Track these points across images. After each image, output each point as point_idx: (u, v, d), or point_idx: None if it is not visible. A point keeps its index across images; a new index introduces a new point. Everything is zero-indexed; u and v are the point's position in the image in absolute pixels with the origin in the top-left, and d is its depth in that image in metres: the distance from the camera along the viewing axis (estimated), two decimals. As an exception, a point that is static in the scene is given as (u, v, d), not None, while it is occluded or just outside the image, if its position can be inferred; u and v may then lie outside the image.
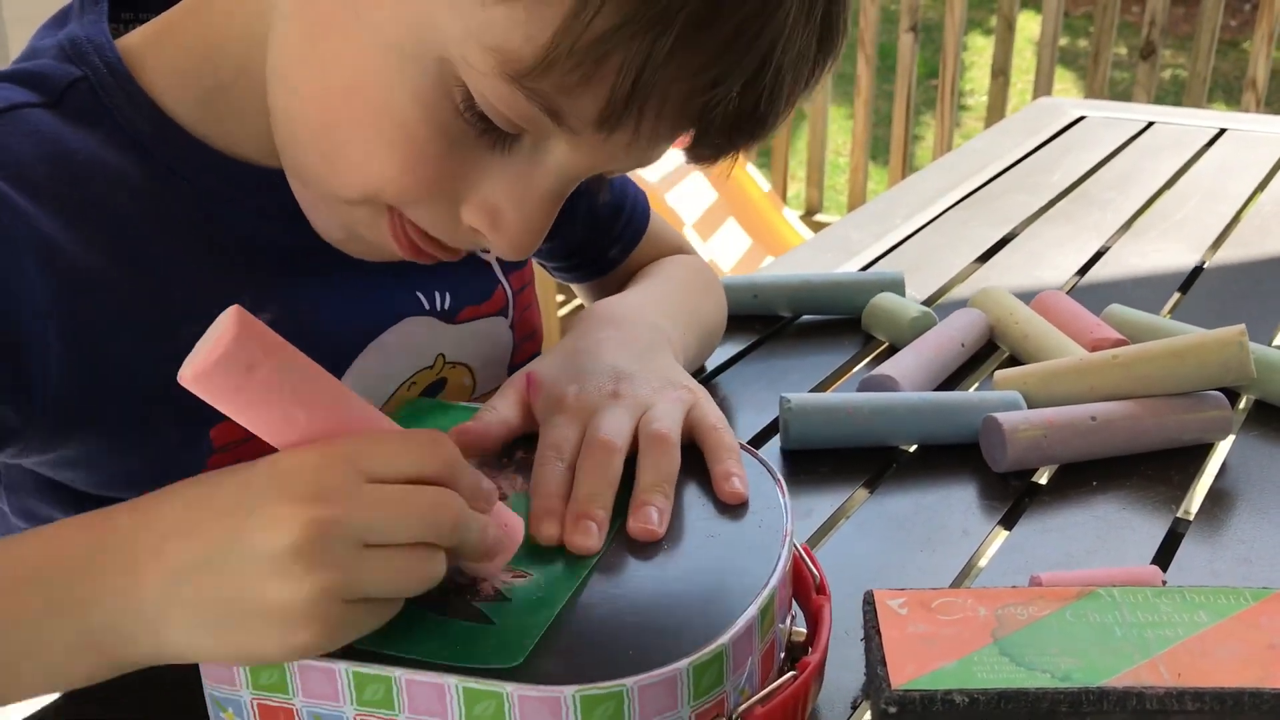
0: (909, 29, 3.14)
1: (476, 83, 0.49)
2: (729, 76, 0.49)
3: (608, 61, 0.47)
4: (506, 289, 0.76)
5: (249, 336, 0.43)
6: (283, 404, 0.45)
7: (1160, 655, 0.54)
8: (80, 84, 0.59)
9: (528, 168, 0.54)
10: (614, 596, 0.50)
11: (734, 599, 0.50)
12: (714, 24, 0.47)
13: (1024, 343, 0.91)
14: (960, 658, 0.54)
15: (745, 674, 0.49)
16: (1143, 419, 0.78)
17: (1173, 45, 4.49)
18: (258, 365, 0.44)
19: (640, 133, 0.50)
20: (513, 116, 0.50)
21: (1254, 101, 2.95)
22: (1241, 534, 0.71)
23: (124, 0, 0.64)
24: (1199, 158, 1.45)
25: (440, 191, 0.54)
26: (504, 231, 0.55)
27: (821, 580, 0.58)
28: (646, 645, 0.47)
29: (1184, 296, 1.07)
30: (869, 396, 0.81)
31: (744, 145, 0.54)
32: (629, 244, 0.87)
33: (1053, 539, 0.71)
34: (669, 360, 0.68)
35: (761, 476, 0.59)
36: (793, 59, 0.51)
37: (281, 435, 0.46)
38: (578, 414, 0.60)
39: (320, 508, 0.44)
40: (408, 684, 0.46)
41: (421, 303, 0.71)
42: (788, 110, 0.53)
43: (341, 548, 0.44)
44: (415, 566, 0.46)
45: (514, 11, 0.47)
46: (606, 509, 0.54)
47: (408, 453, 0.47)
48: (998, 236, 1.21)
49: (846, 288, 1.01)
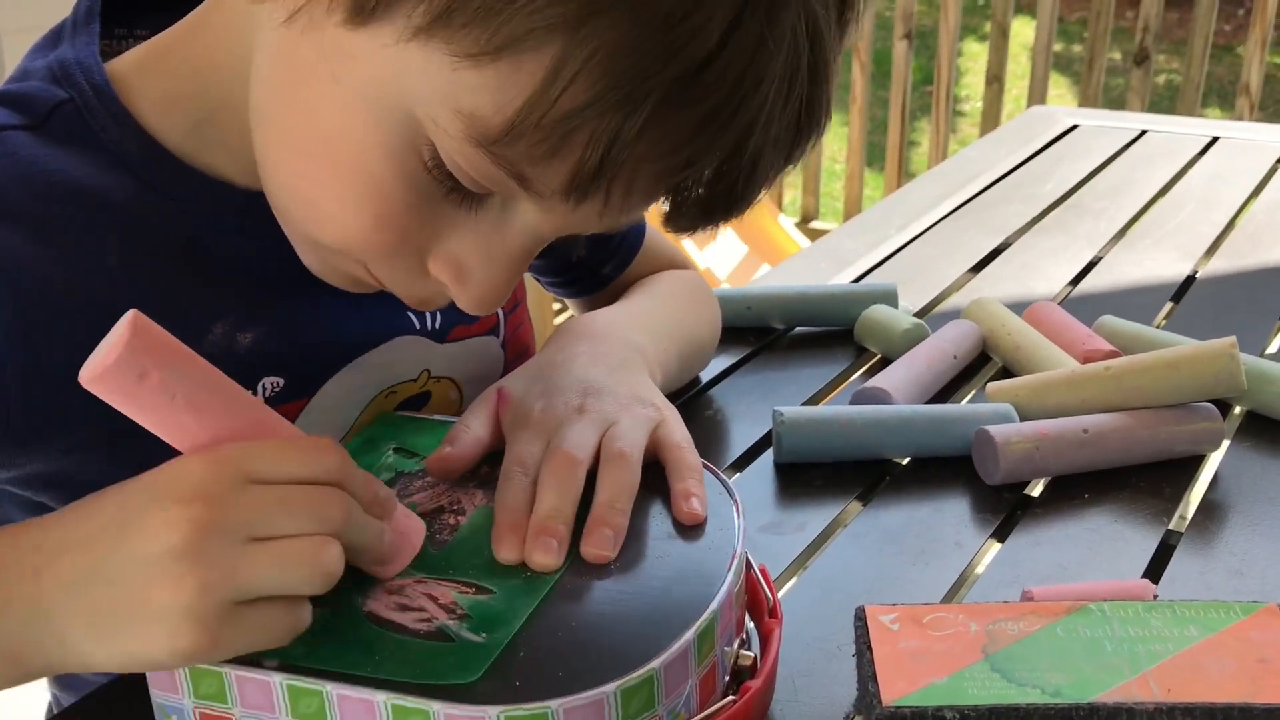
0: (904, 36, 3.15)
1: (444, 143, 0.49)
2: (701, 158, 0.49)
3: (576, 136, 0.46)
4: (497, 310, 0.76)
5: (141, 345, 0.45)
6: (174, 411, 0.46)
7: (1150, 670, 0.54)
8: (66, 106, 0.59)
9: (496, 226, 0.53)
10: (560, 615, 0.50)
11: (672, 622, 0.49)
12: (686, 107, 0.46)
13: (1016, 354, 0.91)
14: (951, 673, 0.54)
15: (682, 697, 0.49)
16: (1135, 431, 0.79)
17: (1167, 50, 4.50)
18: (148, 373, 0.45)
19: (610, 205, 0.50)
20: (479, 178, 0.50)
21: (1247, 107, 2.95)
22: (1233, 546, 0.72)
23: (118, 16, 0.65)
24: (1192, 166, 1.45)
25: (407, 247, 0.54)
26: (469, 287, 0.55)
27: (775, 604, 0.58)
28: (578, 667, 0.47)
29: (1177, 306, 1.07)
30: (862, 409, 0.81)
31: (719, 222, 0.53)
32: (623, 261, 0.87)
33: (1045, 551, 0.71)
34: (641, 377, 0.67)
35: (720, 497, 0.58)
36: (771, 142, 0.50)
37: (177, 440, 0.47)
38: (543, 429, 0.60)
39: (200, 508, 0.45)
40: (339, 699, 0.46)
41: (412, 322, 0.71)
42: (766, 188, 0.53)
43: (223, 545, 0.44)
44: (305, 557, 0.45)
45: (485, 78, 0.46)
46: (568, 524, 0.54)
47: (294, 456, 0.47)
48: (991, 246, 1.22)
49: (839, 299, 1.01)
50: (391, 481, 0.60)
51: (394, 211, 0.52)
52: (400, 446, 0.63)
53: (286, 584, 0.45)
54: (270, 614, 0.46)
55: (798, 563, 0.71)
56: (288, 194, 0.56)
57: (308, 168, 0.53)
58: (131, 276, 0.60)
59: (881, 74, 3.26)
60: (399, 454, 0.62)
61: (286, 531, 0.46)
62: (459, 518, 0.57)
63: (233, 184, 0.62)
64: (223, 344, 0.62)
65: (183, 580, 0.44)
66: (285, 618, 0.46)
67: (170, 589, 0.44)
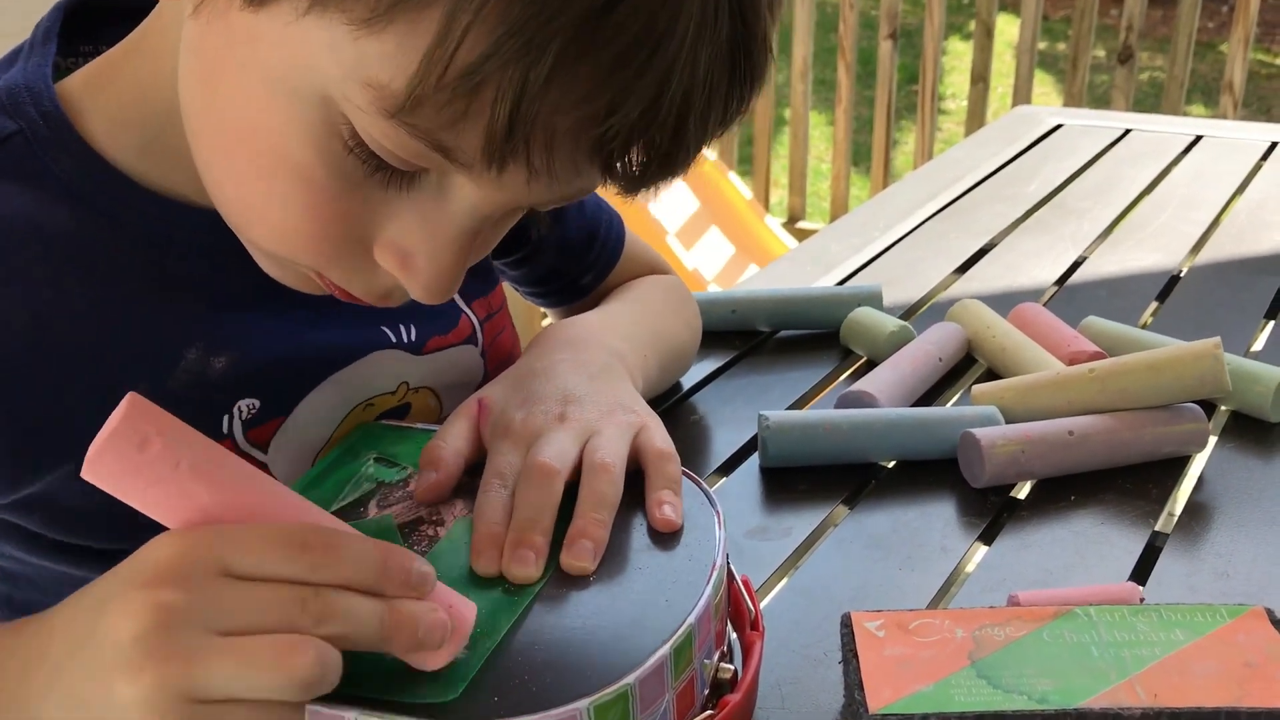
0: (888, 36, 3.15)
1: (360, 120, 0.47)
2: (621, 107, 0.45)
3: (481, 92, 0.44)
4: (472, 318, 0.75)
5: (140, 414, 0.43)
6: (179, 480, 0.44)
7: (1137, 675, 0.54)
8: (15, 139, 0.57)
9: (435, 208, 0.51)
10: (538, 629, 0.50)
11: (648, 636, 0.49)
12: (592, 52, 0.44)
13: (1001, 356, 0.91)
14: (937, 680, 0.54)
15: (658, 712, 0.48)
16: (1120, 433, 0.79)
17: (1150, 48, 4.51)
18: (149, 441, 0.43)
19: (535, 168, 0.47)
20: (401, 154, 0.47)
21: (1231, 104, 2.96)
22: (1219, 548, 0.72)
23: (83, 31, 0.63)
24: (1176, 165, 1.46)
25: (349, 240, 0.52)
26: (416, 274, 0.52)
27: (757, 616, 0.57)
28: (552, 682, 0.46)
29: (1162, 306, 1.07)
30: (847, 413, 0.81)
31: (656, 182, 0.51)
32: (602, 271, 0.86)
33: (1031, 555, 0.71)
34: (623, 384, 0.67)
35: (702, 507, 0.57)
36: (700, 87, 0.46)
37: (185, 516, 0.45)
38: (523, 439, 0.59)
39: (166, 593, 0.42)
40: (311, 715, 0.45)
41: (388, 336, 0.70)
42: (704, 143, 0.50)
43: (187, 635, 0.42)
44: (272, 659, 0.42)
45: (384, 44, 0.44)
46: (546, 535, 0.54)
47: (279, 548, 0.44)
48: (976, 247, 1.22)
49: (825, 302, 1.01)
50: (372, 492, 0.59)
51: (324, 200, 0.50)
52: (381, 456, 0.62)
53: (250, 687, 0.42)
54: (238, 716, 0.42)
55: (784, 568, 0.71)
56: (221, 196, 0.54)
57: (232, 164, 0.52)
58: (98, 312, 0.59)
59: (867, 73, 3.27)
60: (380, 463, 0.62)
61: (256, 627, 0.42)
62: (439, 529, 0.56)
63: (190, 203, 0.60)
64: (196, 369, 0.61)
65: (141, 670, 0.41)
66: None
67: (129, 679, 0.41)
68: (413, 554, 0.47)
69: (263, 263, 0.57)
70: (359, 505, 0.58)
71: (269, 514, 0.46)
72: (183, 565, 0.43)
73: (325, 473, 0.61)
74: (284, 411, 0.65)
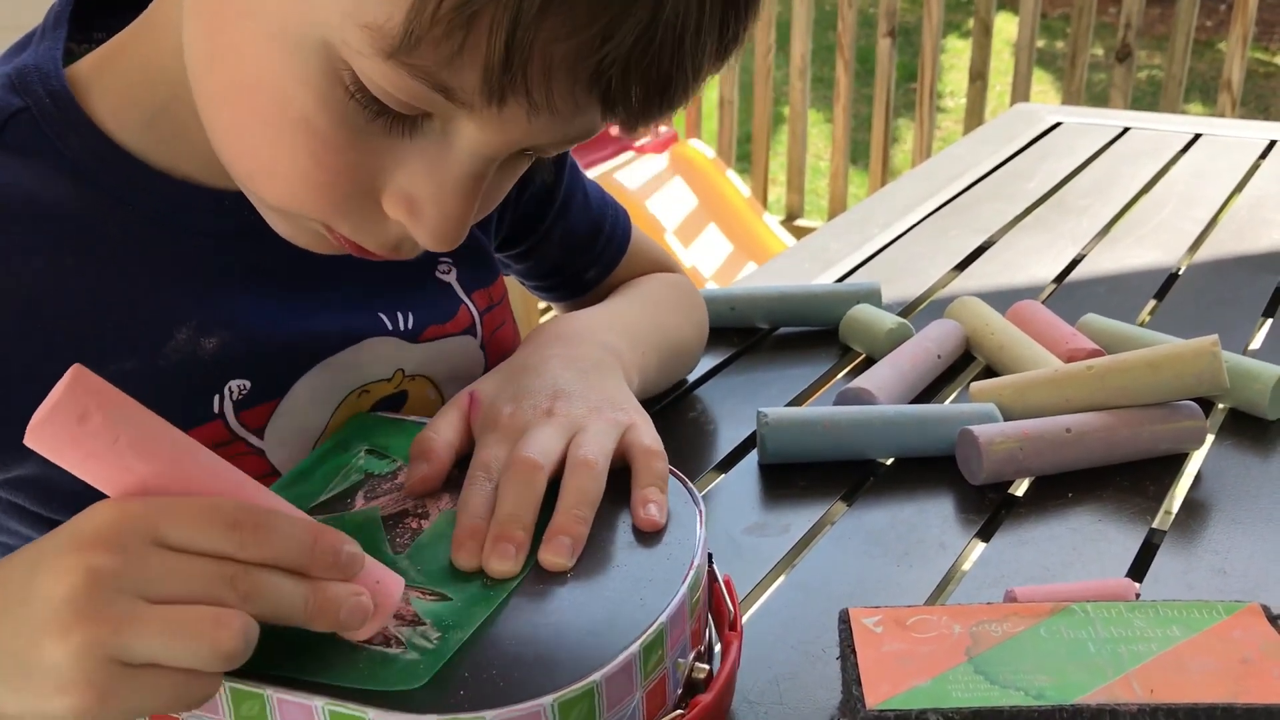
0: (887, 33, 3.15)
1: (360, 65, 0.48)
2: (616, 32, 0.46)
3: (476, 25, 0.44)
4: (471, 309, 0.75)
5: (83, 388, 0.43)
6: (118, 454, 0.44)
7: (1133, 671, 0.54)
8: (21, 115, 0.58)
9: (439, 152, 0.51)
10: (512, 624, 0.50)
11: (618, 634, 0.49)
12: None
13: (1000, 353, 0.91)
14: (935, 676, 0.54)
15: (627, 711, 0.48)
16: (1118, 430, 0.79)
17: (1149, 46, 4.51)
18: (89, 415, 0.43)
19: (535, 103, 0.47)
20: (403, 97, 0.48)
21: (1229, 103, 2.96)
22: (1216, 545, 0.72)
23: (99, 18, 0.64)
24: (1174, 163, 1.46)
25: (356, 189, 0.52)
26: (424, 220, 0.53)
27: (736, 617, 0.57)
28: (520, 677, 0.46)
29: (1160, 303, 1.07)
30: (845, 410, 0.81)
31: (655, 116, 0.51)
32: (608, 265, 0.86)
33: (1029, 551, 0.71)
34: (615, 381, 0.67)
35: (686, 506, 0.57)
36: (693, 15, 0.47)
37: (123, 489, 0.45)
38: (510, 433, 0.59)
39: (99, 556, 0.43)
40: (279, 703, 0.46)
41: (384, 323, 0.70)
42: (701, 74, 0.50)
43: (116, 599, 0.42)
44: (197, 629, 0.43)
45: None
46: (527, 530, 0.54)
47: (212, 524, 0.45)
48: (975, 245, 1.22)
49: (823, 299, 1.01)
50: (360, 483, 0.59)
51: (330, 150, 0.50)
52: (373, 448, 0.63)
53: (174, 655, 0.43)
54: (161, 681, 0.43)
55: (782, 565, 0.71)
56: (228, 152, 0.54)
57: (239, 120, 0.52)
58: (90, 287, 0.59)
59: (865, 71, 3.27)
60: (371, 455, 0.62)
61: (185, 595, 0.43)
62: (423, 522, 0.56)
63: (193, 182, 0.61)
64: (186, 349, 0.61)
65: (70, 630, 0.42)
66: (178, 689, 0.43)
67: (59, 637, 0.42)
68: (344, 535, 0.48)
69: (273, 221, 0.57)
70: (346, 497, 0.59)
71: (207, 489, 0.46)
72: (117, 532, 0.44)
73: (315, 464, 0.61)
74: (277, 394, 0.65)
